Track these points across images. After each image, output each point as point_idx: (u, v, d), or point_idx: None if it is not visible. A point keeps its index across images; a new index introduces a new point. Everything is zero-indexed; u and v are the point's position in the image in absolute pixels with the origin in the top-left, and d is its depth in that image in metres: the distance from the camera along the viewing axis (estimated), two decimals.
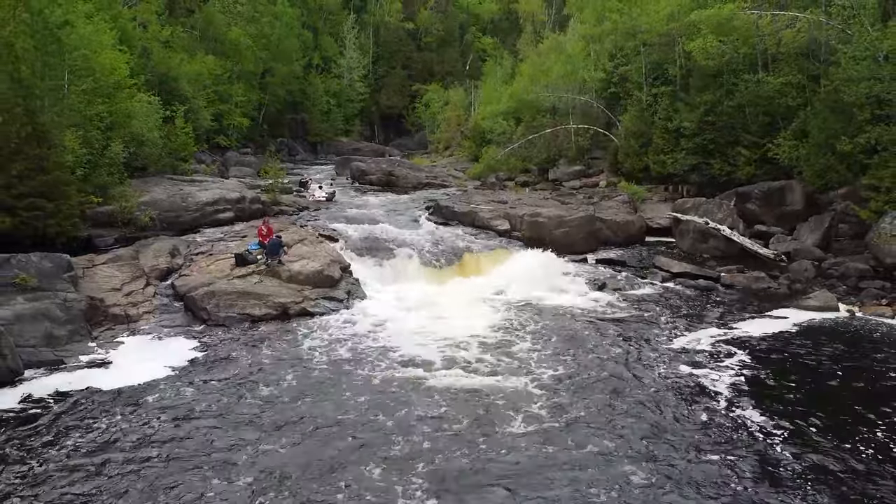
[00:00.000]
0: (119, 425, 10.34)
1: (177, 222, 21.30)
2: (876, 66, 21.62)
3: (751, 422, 10.64)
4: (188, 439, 9.90)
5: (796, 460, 9.42)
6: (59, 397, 11.22)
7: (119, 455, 9.44)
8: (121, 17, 32.78)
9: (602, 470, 9.13)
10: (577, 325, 15.67)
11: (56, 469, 9.06)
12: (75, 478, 8.83)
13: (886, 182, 20.55)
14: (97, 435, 10.02)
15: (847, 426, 10.52)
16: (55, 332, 13.06)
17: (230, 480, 8.77)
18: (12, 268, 14.09)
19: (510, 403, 11.28)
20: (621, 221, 25.58)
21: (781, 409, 11.14)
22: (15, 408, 10.80)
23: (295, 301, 16.02)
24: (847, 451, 9.65)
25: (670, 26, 31.56)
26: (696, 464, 9.34)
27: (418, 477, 8.93)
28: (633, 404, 11.28)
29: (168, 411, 10.85)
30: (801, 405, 11.29)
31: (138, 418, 10.59)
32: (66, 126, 18.46)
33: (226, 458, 9.38)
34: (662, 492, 8.61)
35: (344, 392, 11.73)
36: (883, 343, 14.28)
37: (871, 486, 8.75)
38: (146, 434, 10.06)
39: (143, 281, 16.29)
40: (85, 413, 10.77)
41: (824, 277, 19.64)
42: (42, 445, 9.68)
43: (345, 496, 8.52)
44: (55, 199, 17.06)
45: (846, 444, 9.88)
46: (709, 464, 9.34)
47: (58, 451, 9.55)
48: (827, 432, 10.27)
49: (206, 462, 9.26)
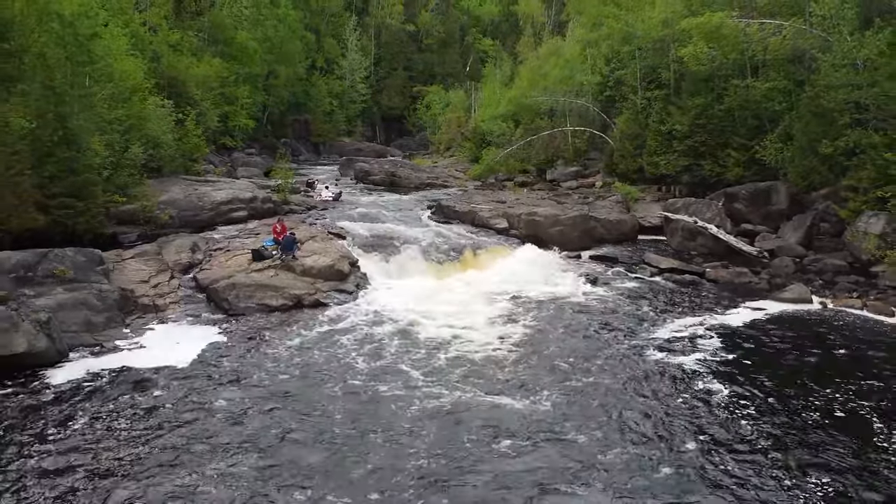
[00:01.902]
0: (153, 400, 11.63)
1: (194, 220, 22.59)
2: (854, 74, 22.88)
3: (720, 396, 11.96)
4: (214, 413, 11.13)
5: (757, 428, 10.71)
6: (102, 375, 12.52)
7: (153, 423, 10.75)
8: (132, 23, 33.93)
9: (589, 439, 10.38)
10: (569, 314, 16.92)
11: (103, 432, 10.38)
12: (118, 441, 10.14)
13: (864, 183, 21.71)
14: (135, 407, 11.32)
15: (806, 398, 11.84)
16: (93, 319, 14.34)
17: (250, 450, 9.93)
18: (50, 261, 15.35)
19: (502, 382, 12.53)
20: (615, 220, 26.77)
21: (749, 384, 12.42)
22: (65, 383, 12.13)
23: (308, 293, 17.31)
24: (804, 419, 11.00)
25: (664, 32, 32.78)
26: (669, 431, 10.59)
27: (418, 438, 10.22)
28: (616, 382, 12.55)
29: (196, 388, 12.11)
30: (767, 382, 12.59)
31: (170, 394, 11.85)
32: (93, 130, 19.70)
33: (247, 428, 10.63)
34: (634, 455, 9.88)
35: (353, 372, 12.97)
36: (848, 330, 15.60)
37: (823, 447, 10.02)
38: (178, 408, 11.31)
39: (167, 274, 17.57)
40: (124, 389, 12.07)
41: (803, 273, 20.85)
42: (89, 415, 10.95)
43: (353, 452, 9.78)
44: (84, 198, 18.32)
45: (804, 413, 11.22)
46: (681, 431, 10.58)
47: (104, 419, 10.84)
48: (788, 404, 11.59)
49: (229, 431, 10.50)
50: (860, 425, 10.90)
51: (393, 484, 9.10)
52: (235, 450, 9.92)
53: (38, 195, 17.33)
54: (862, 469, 9.55)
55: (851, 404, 11.66)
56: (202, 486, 8.95)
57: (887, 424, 10.85)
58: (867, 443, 10.32)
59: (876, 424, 10.89)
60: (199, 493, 8.81)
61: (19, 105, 17.61)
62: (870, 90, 22.30)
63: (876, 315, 16.69)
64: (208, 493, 8.83)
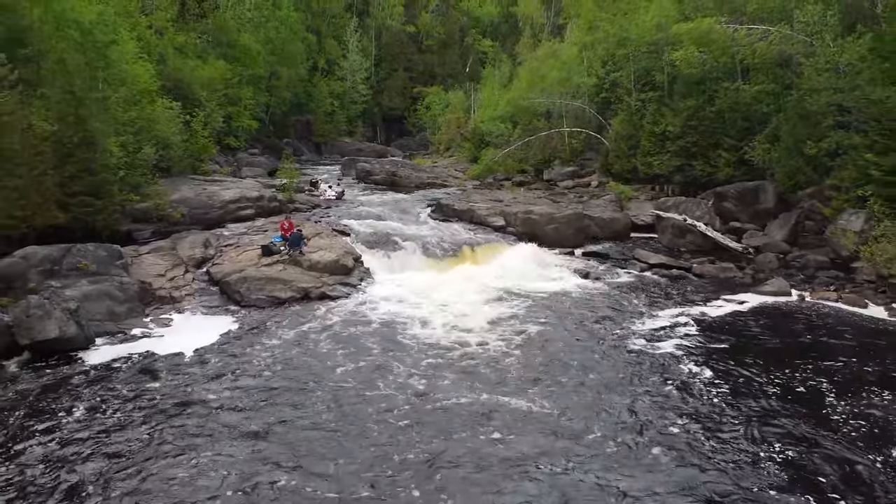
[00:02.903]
0: (174, 381, 12.66)
1: (204, 218, 23.61)
2: (836, 78, 23.86)
3: (698, 378, 12.98)
4: (229, 394, 12.12)
5: (729, 405, 11.72)
6: (126, 359, 13.58)
7: (173, 401, 11.77)
8: (138, 26, 34.85)
9: (577, 420, 11.38)
10: (561, 307, 17.91)
11: (129, 408, 11.40)
12: (143, 415, 11.19)
13: (846, 182, 22.61)
14: (157, 387, 12.37)
15: (773, 379, 12.90)
16: (116, 309, 15.36)
17: (263, 430, 10.87)
18: (74, 256, 16.38)
19: (495, 367, 13.52)
20: (608, 218, 27.75)
21: (724, 368, 13.46)
22: (94, 365, 13.22)
23: (315, 286, 18.32)
24: (768, 396, 12.07)
25: (657, 36, 33.76)
26: (652, 410, 11.59)
27: (416, 417, 11.24)
28: (604, 368, 13.55)
29: (212, 372, 13.11)
30: (741, 365, 13.61)
31: (189, 377, 12.86)
32: (109, 132, 20.69)
33: (258, 407, 11.62)
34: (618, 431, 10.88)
35: (357, 357, 13.97)
36: (821, 320, 16.67)
37: (783, 419, 11.03)
38: (195, 390, 12.32)
39: (182, 268, 18.59)
40: (147, 371, 13.13)
41: (787, 268, 21.84)
42: (116, 396, 11.96)
43: (355, 427, 10.79)
44: (102, 196, 19.31)
45: (770, 391, 12.34)
46: (662, 410, 11.59)
47: (129, 397, 11.88)
48: (757, 384, 12.67)
49: (241, 409, 11.51)
50: (816, 400, 12.03)
51: (392, 453, 10.08)
52: (245, 427, 10.88)
53: (60, 194, 18.31)
54: (814, 435, 10.65)
55: (811, 382, 12.76)
56: (216, 456, 9.92)
57: (839, 399, 12.03)
58: (820, 414, 11.47)
59: (829, 399, 12.07)
60: (214, 461, 9.78)
61: (41, 108, 18.59)
62: (851, 93, 23.30)
63: (849, 307, 17.72)
64: (221, 461, 9.81)
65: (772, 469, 9.72)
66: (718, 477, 9.49)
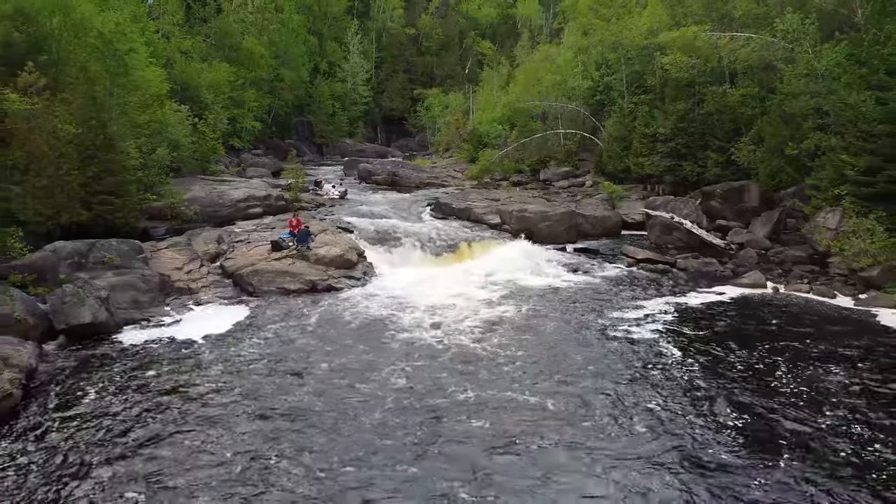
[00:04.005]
0: (194, 361, 13.95)
1: (215, 216, 24.90)
2: (814, 83, 25.12)
3: (673, 359, 14.25)
4: (243, 375, 13.35)
5: (698, 381, 12.99)
6: (150, 343, 14.91)
7: (194, 379, 13.05)
8: (147, 31, 36.05)
9: (563, 399, 12.62)
10: (551, 298, 19.18)
11: (156, 384, 12.68)
12: (165, 393, 12.43)
13: (824, 182, 23.77)
14: (180, 367, 13.63)
15: (745, 359, 14.18)
16: (139, 298, 16.66)
17: (274, 409, 12.05)
18: (98, 250, 17.67)
19: (488, 351, 14.76)
20: (600, 216, 29.02)
21: (700, 350, 14.72)
22: (123, 348, 14.56)
23: (322, 279, 19.62)
24: (733, 372, 13.35)
25: (648, 41, 35.01)
26: (633, 389, 12.86)
27: (415, 394, 12.49)
28: (589, 352, 14.79)
29: (228, 355, 14.38)
30: (715, 348, 14.91)
31: (208, 358, 14.14)
32: (127, 135, 21.97)
33: (270, 383, 12.91)
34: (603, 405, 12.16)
35: (362, 342, 15.25)
36: (790, 309, 18.01)
37: (743, 391, 12.30)
38: (212, 370, 13.57)
39: (198, 262, 19.88)
40: (171, 353, 14.43)
41: (766, 263, 23.10)
42: (142, 374, 13.24)
43: (358, 402, 12.05)
44: (121, 195, 20.58)
45: (736, 367, 13.65)
46: (642, 389, 12.85)
47: (156, 375, 13.16)
48: (724, 362, 13.96)
49: (254, 388, 12.75)
50: (772, 375, 13.39)
51: (391, 420, 11.34)
52: (259, 402, 12.13)
53: (83, 193, 19.59)
54: (766, 403, 12.06)
55: (770, 360, 14.16)
56: (226, 430, 11.08)
57: (791, 372, 13.46)
58: (773, 386, 12.87)
59: (782, 373, 13.49)
60: (225, 433, 10.96)
61: (65, 113, 19.85)
62: (829, 98, 24.58)
63: (819, 297, 19.02)
64: (232, 434, 11.00)
65: (729, 431, 10.99)
66: (688, 441, 10.71)
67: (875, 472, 9.79)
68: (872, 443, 10.61)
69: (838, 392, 12.49)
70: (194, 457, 10.14)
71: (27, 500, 9.04)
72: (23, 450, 10.31)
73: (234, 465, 9.92)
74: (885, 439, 10.67)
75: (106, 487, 9.31)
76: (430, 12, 79.57)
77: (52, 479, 9.53)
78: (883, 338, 15.28)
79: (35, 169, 18.21)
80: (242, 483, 9.45)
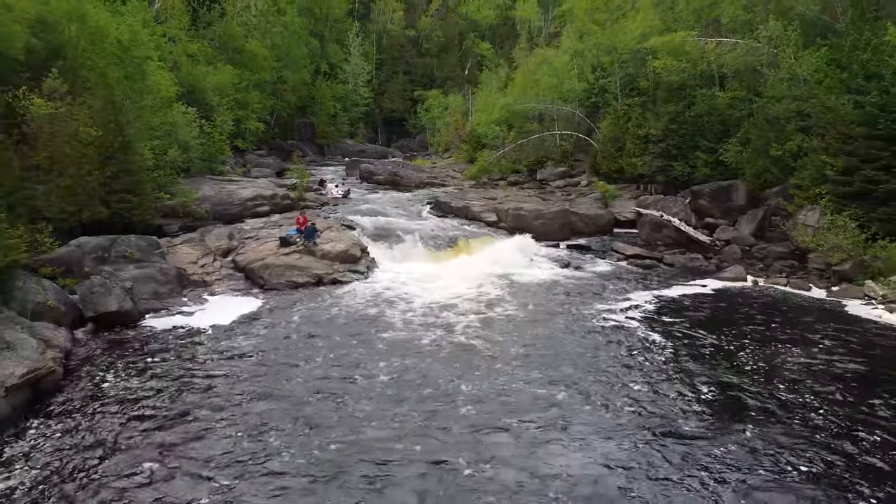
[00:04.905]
0: (210, 348, 15.11)
1: (225, 214, 26.13)
2: (796, 87, 26.32)
3: (657, 344, 15.48)
4: (255, 361, 14.45)
5: (680, 362, 14.20)
6: (171, 331, 16.13)
7: (210, 363, 14.20)
8: (155, 35, 37.12)
9: (553, 382, 13.80)
10: (544, 291, 20.41)
11: (178, 366, 13.86)
12: (184, 375, 13.58)
13: (806, 182, 24.96)
14: (195, 354, 14.78)
15: (718, 343, 15.45)
16: (159, 289, 17.89)
17: (282, 388, 13.26)
18: (119, 245, 18.90)
19: (484, 338, 15.96)
20: (593, 215, 30.22)
21: (679, 336, 15.96)
22: (146, 335, 15.77)
23: (327, 273, 20.85)
24: (705, 353, 14.57)
25: (641, 45, 36.17)
26: (618, 372, 14.05)
27: (415, 375, 13.68)
28: (579, 339, 15.97)
29: (241, 342, 15.54)
30: (693, 334, 16.14)
31: (222, 345, 15.30)
32: (143, 137, 23.18)
33: (283, 365, 14.08)
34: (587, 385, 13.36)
35: (366, 330, 16.44)
36: (766, 300, 19.29)
37: (713, 367, 13.51)
38: (228, 355, 14.74)
39: (211, 257, 21.12)
40: (190, 339, 15.63)
41: (749, 258, 24.32)
42: (163, 358, 14.43)
43: (362, 381, 13.24)
44: (138, 194, 21.76)
45: (708, 349, 14.93)
46: (625, 371, 14.05)
47: (178, 359, 14.35)
48: (700, 344, 15.20)
49: (267, 369, 13.91)
50: (741, 356, 14.67)
51: (392, 399, 12.53)
52: (269, 383, 13.23)
53: (103, 192, 20.75)
54: (732, 380, 13.33)
55: (738, 344, 15.43)
56: (237, 409, 12.15)
57: (760, 355, 14.71)
58: (744, 365, 14.14)
59: (749, 354, 14.80)
60: (236, 412, 12.10)
61: (85, 116, 21.02)
62: (809, 101, 25.76)
63: (795, 290, 20.29)
64: (241, 412, 12.20)
65: (701, 404, 12.18)
66: (665, 414, 11.88)
67: (824, 434, 11.07)
68: (823, 411, 11.89)
69: (799, 370, 13.79)
70: (210, 429, 11.26)
71: (74, 458, 10.23)
72: (69, 417, 11.57)
73: (241, 439, 10.94)
74: (835, 409, 11.96)
75: (135, 450, 10.49)
76: (429, 14, 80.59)
77: (91, 442, 10.74)
78: (847, 325, 16.54)
79: (58, 169, 19.39)
80: (251, 455, 10.52)
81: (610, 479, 9.76)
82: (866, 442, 10.83)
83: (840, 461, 10.24)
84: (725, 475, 9.82)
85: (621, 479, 9.75)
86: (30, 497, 9.25)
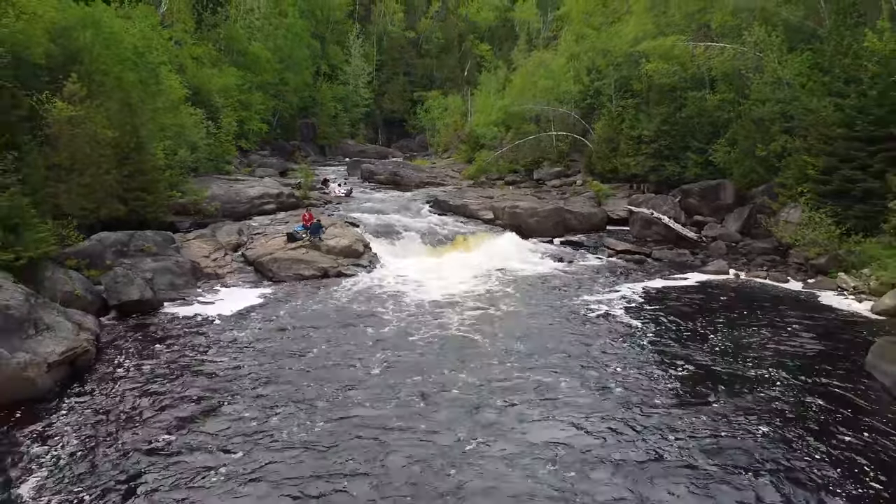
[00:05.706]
0: (223, 335, 16.26)
1: (234, 212, 27.34)
2: (780, 90, 27.48)
3: (640, 331, 16.64)
4: (266, 346, 15.60)
5: (659, 347, 15.36)
6: (189, 318, 17.33)
7: (227, 347, 15.37)
8: (161, 37, 38.19)
9: (545, 368, 14.95)
10: (538, 284, 21.58)
11: (193, 352, 15.03)
12: (200, 359, 14.74)
13: (790, 181, 26.11)
14: (210, 340, 15.94)
15: (696, 329, 16.63)
16: (175, 281, 19.08)
17: (290, 370, 14.40)
18: (137, 240, 20.12)
19: (481, 328, 17.12)
20: (586, 213, 31.36)
21: (661, 324, 17.13)
22: (165, 322, 16.98)
23: (332, 266, 22.06)
24: (686, 339, 15.73)
25: (634, 48, 37.27)
26: (603, 359, 15.21)
27: (416, 361, 14.83)
28: (569, 329, 17.11)
29: (253, 329, 16.69)
30: (673, 322, 17.30)
31: (237, 333, 16.45)
32: (156, 138, 24.37)
33: (292, 355, 15.22)
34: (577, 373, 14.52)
35: (369, 319, 17.60)
36: (746, 291, 20.50)
37: (693, 352, 14.68)
38: (241, 341, 15.89)
39: (223, 252, 22.33)
40: (205, 326, 16.82)
41: (734, 254, 25.48)
42: (181, 343, 15.61)
43: (363, 369, 14.40)
44: (152, 193, 22.97)
45: (689, 336, 16.03)
46: (611, 357, 15.20)
47: (194, 344, 15.55)
48: (681, 332, 16.35)
49: (278, 355, 15.01)
50: (718, 339, 15.86)
51: (391, 382, 13.68)
52: (279, 367, 14.41)
53: (119, 190, 21.95)
54: (705, 362, 14.40)
55: (714, 328, 16.63)
56: (248, 391, 13.19)
57: (733, 339, 15.91)
58: (717, 347, 15.29)
59: (727, 339, 15.92)
60: (247, 395, 13.15)
61: (102, 118, 22.19)
62: (792, 103, 26.94)
63: (773, 282, 21.47)
64: (254, 396, 13.30)
65: (678, 381, 13.34)
66: (645, 391, 13.02)
67: (781, 402, 12.33)
68: (782, 383, 13.13)
69: (767, 350, 15.04)
70: (222, 405, 12.39)
71: (108, 427, 11.41)
72: (101, 393, 12.77)
73: (251, 417, 12.02)
74: (794, 382, 13.21)
75: (158, 422, 11.64)
76: (429, 16, 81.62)
77: (120, 414, 11.92)
78: (817, 312, 17.75)
79: (78, 169, 20.56)
80: (260, 430, 11.70)
81: (594, 447, 10.86)
82: (816, 407, 12.15)
83: (794, 424, 11.48)
84: (698, 438, 11.01)
85: (605, 447, 10.84)
86: (73, 459, 10.41)
